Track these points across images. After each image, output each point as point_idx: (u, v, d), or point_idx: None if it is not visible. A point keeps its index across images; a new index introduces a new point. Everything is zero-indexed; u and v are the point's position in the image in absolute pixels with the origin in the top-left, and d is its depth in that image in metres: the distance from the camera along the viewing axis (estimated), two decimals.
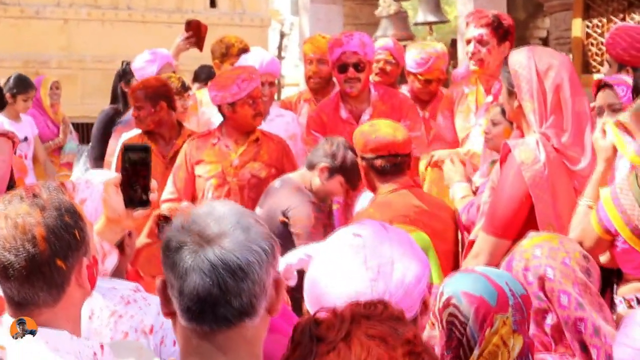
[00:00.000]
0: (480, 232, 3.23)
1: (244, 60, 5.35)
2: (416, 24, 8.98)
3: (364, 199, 4.28)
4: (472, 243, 3.34)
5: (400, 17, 8.25)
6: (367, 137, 3.81)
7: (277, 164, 4.66)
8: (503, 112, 4.34)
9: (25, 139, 7.31)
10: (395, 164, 3.79)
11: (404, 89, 5.81)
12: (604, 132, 2.92)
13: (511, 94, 3.25)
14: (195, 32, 6.11)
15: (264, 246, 1.61)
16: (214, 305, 1.56)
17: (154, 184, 2.33)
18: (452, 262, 3.80)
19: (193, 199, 4.65)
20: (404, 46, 5.82)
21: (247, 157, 4.65)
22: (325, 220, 4.33)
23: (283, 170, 4.61)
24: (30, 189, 1.92)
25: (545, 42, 10.37)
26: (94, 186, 2.72)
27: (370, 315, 1.44)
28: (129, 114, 5.85)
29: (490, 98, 4.69)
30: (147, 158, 2.29)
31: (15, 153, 3.94)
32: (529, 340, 2.05)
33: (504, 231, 3.13)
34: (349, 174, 4.19)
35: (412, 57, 5.53)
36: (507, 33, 4.66)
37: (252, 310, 1.58)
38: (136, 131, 5.21)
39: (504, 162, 3.22)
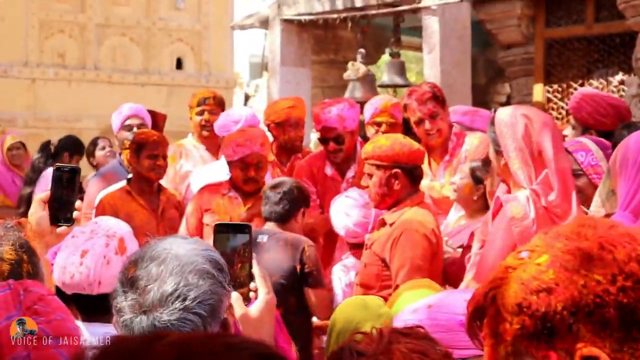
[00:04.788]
0: (472, 283, 3.32)
1: (225, 115, 5.46)
2: (381, 86, 9.21)
3: (339, 203, 4.57)
4: None
5: (367, 80, 8.46)
6: (410, 148, 4.07)
7: None
8: (470, 169, 4.53)
9: None
10: None
11: None
12: None
13: (498, 152, 3.35)
14: (152, 122, 6.09)
15: (201, 311, 1.70)
16: None
17: (78, 204, 2.44)
18: None
19: None
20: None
21: (254, 210, 4.75)
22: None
23: None
24: None
25: (506, 106, 10.66)
26: (97, 238, 2.84)
27: (409, 334, 1.51)
28: (106, 167, 5.94)
29: (447, 157, 4.91)
30: (75, 179, 2.42)
31: None
32: None
33: None
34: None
35: (366, 110, 5.63)
36: (444, 98, 4.94)
37: None
38: (115, 186, 5.24)
39: (496, 216, 3.33)
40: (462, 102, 7.21)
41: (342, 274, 4.45)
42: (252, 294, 1.98)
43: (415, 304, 1.91)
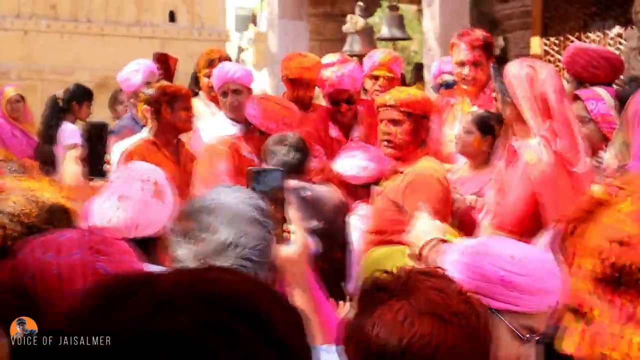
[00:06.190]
0: (491, 230, 3.48)
1: (220, 68, 5.47)
2: (379, 39, 9.26)
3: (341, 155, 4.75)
4: None
5: (366, 33, 8.52)
6: (432, 102, 4.35)
7: None
8: (476, 121, 4.63)
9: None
10: None
11: None
12: None
13: (505, 102, 3.54)
14: (163, 65, 6.13)
15: (252, 257, 1.83)
16: None
17: (107, 157, 2.58)
18: None
19: None
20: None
21: None
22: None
23: None
24: None
25: (501, 59, 10.74)
26: (133, 183, 2.94)
27: (428, 273, 1.66)
28: (120, 123, 5.98)
29: (475, 108, 4.98)
30: (103, 134, 2.59)
31: None
32: None
33: (513, 227, 3.40)
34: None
35: (365, 63, 5.65)
36: (492, 50, 5.00)
37: None
38: (132, 139, 5.26)
39: (510, 164, 3.49)
40: None
41: (360, 224, 4.53)
42: (285, 235, 2.11)
43: (464, 245, 2.01)
